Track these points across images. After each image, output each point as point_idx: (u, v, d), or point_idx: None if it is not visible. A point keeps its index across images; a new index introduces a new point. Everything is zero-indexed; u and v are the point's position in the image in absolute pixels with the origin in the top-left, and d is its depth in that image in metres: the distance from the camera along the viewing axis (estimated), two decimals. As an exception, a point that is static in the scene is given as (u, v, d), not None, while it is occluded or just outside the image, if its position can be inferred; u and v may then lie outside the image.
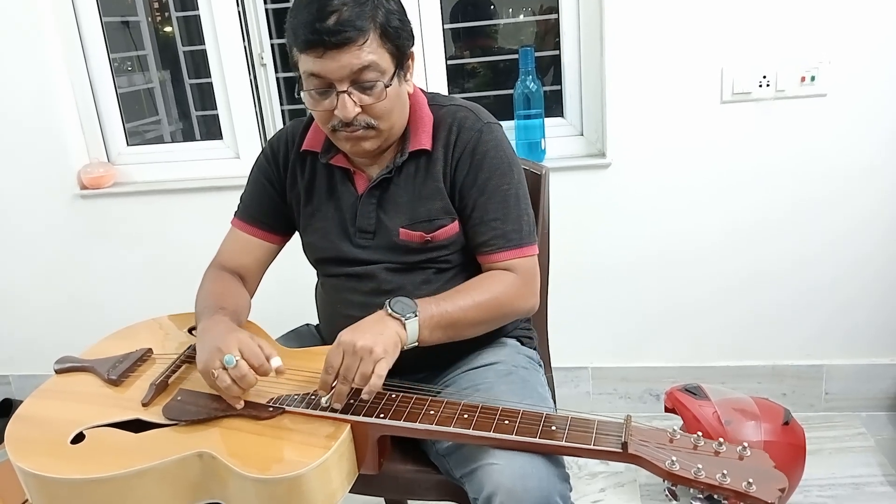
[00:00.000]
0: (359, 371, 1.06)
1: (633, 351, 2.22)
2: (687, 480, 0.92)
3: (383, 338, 1.09)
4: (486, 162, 1.25)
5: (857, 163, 1.95)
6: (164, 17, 2.81)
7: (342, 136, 1.21)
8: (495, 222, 1.24)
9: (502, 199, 1.25)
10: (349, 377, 1.07)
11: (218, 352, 1.09)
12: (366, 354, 1.06)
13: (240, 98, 2.24)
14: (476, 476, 1.04)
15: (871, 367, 2.11)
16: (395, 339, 1.10)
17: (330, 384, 1.08)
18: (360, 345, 1.06)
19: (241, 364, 1.08)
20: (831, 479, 1.88)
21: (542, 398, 1.22)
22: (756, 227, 2.04)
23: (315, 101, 1.19)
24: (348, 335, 1.08)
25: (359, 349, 1.06)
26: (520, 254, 1.25)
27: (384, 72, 1.17)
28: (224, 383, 1.08)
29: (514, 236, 1.25)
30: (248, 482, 0.99)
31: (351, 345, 1.07)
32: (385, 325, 1.11)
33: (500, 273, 1.25)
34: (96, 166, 2.32)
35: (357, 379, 1.06)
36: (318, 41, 1.11)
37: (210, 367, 1.09)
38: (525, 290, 1.26)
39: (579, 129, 2.13)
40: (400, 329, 1.12)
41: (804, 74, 1.89)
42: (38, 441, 1.11)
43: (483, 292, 1.21)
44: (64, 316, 2.46)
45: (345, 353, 1.07)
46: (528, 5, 2.35)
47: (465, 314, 1.19)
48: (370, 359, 1.06)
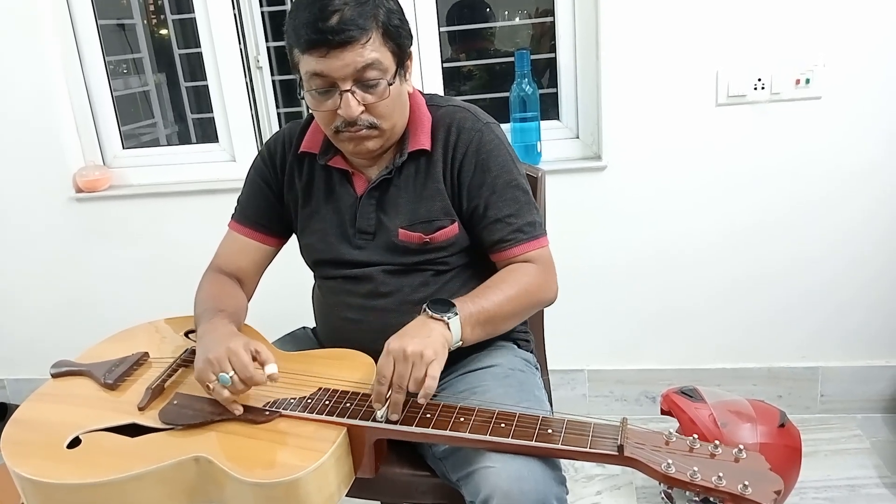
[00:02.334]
0: (412, 377, 1.04)
1: (630, 353, 2.22)
2: (683, 483, 0.92)
3: (431, 340, 1.07)
4: (491, 161, 1.25)
5: (853, 165, 1.95)
6: (159, 20, 2.81)
7: (345, 137, 1.21)
8: (510, 218, 1.25)
9: (513, 196, 1.26)
10: (403, 385, 1.04)
11: (210, 365, 1.10)
12: (417, 359, 1.04)
13: (236, 101, 2.24)
14: (473, 479, 1.04)
15: (866, 369, 2.12)
16: (442, 339, 1.09)
17: (385, 395, 1.06)
18: (411, 350, 1.04)
19: (236, 381, 1.09)
20: (827, 481, 1.89)
21: (538, 401, 1.22)
22: (751, 229, 2.05)
23: (318, 102, 1.19)
24: (396, 342, 1.06)
25: (410, 354, 1.04)
26: (537, 245, 1.27)
27: (386, 70, 1.17)
28: (220, 396, 1.10)
29: (529, 229, 1.26)
30: (245, 486, 0.99)
31: (401, 351, 1.05)
32: (430, 328, 1.10)
33: (522, 265, 1.25)
34: (92, 169, 2.32)
35: (411, 385, 1.05)
36: (321, 40, 1.11)
37: (205, 379, 1.10)
38: (549, 279, 1.27)
39: (575, 132, 2.13)
40: (444, 329, 1.11)
41: (799, 77, 1.90)
42: (34, 445, 1.11)
43: (512, 285, 1.21)
44: (60, 319, 2.45)
45: (395, 361, 1.05)
46: (524, 8, 2.35)
47: (501, 309, 1.19)
48: (422, 363, 1.04)
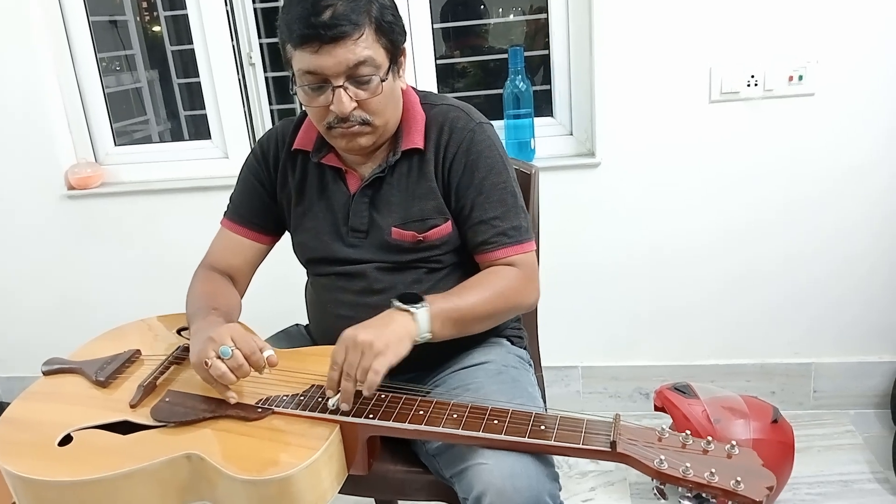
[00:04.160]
0: (360, 366, 1.05)
1: (623, 350, 2.23)
2: (675, 479, 0.92)
3: (387, 331, 1.07)
4: (481, 161, 1.25)
5: (846, 161, 1.96)
6: (152, 17, 2.79)
7: (337, 133, 1.21)
8: (495, 220, 1.25)
9: (500, 198, 1.25)
10: (351, 373, 1.05)
11: (212, 342, 1.09)
12: (367, 348, 1.05)
13: (228, 97, 2.23)
14: (466, 476, 1.04)
15: (859, 364, 2.13)
16: (402, 332, 1.09)
17: (336, 381, 1.07)
18: (361, 339, 1.05)
19: (237, 354, 1.08)
20: (820, 477, 1.89)
21: (531, 397, 1.22)
22: (745, 225, 2.05)
23: (310, 98, 1.18)
24: (351, 331, 1.07)
25: (359, 343, 1.05)
26: (520, 250, 1.26)
27: (379, 66, 1.16)
28: (219, 371, 1.07)
29: (514, 233, 1.25)
30: (238, 483, 0.99)
31: (352, 339, 1.06)
32: (391, 319, 1.10)
33: (503, 268, 1.25)
34: (84, 167, 2.31)
35: (359, 375, 1.05)
36: (313, 35, 1.11)
37: (204, 356, 1.08)
38: (528, 285, 1.26)
39: (569, 129, 2.13)
40: (409, 322, 1.10)
41: (792, 74, 1.90)
42: (25, 443, 1.11)
43: (489, 287, 1.21)
44: (51, 317, 2.45)
45: (347, 349, 1.06)
46: (517, 5, 2.35)
47: (474, 309, 1.19)
48: (371, 353, 1.04)
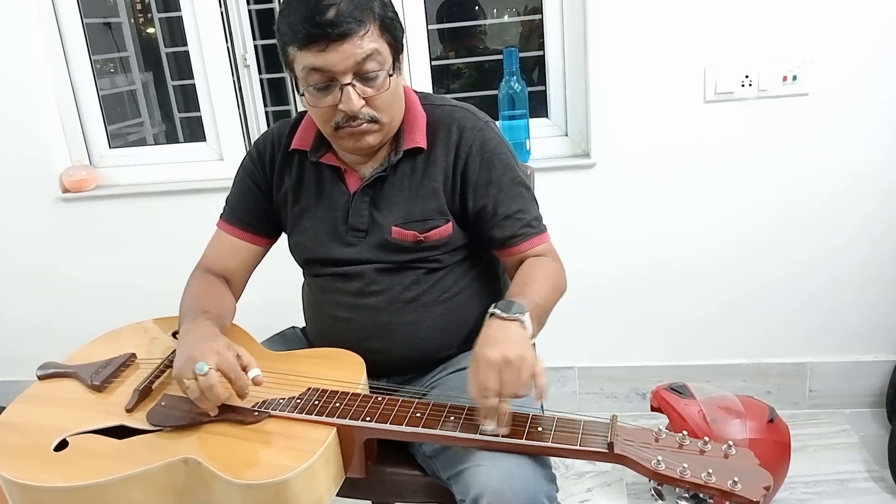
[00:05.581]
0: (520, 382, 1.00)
1: (620, 350, 2.23)
2: (672, 480, 0.92)
3: (519, 341, 1.05)
4: (495, 158, 1.26)
5: (839, 161, 1.96)
6: (146, 19, 2.79)
7: (345, 133, 1.20)
8: (519, 214, 1.26)
9: (518, 192, 1.27)
10: (513, 391, 1.00)
11: (191, 361, 1.07)
12: (520, 362, 1.00)
13: (223, 100, 2.23)
14: (463, 478, 1.04)
15: (854, 364, 2.13)
16: (524, 338, 1.07)
17: (495, 408, 1.00)
18: (511, 356, 1.00)
19: (212, 374, 1.05)
20: (816, 476, 1.90)
21: (528, 399, 1.22)
22: (740, 226, 2.05)
23: (316, 98, 1.17)
24: (493, 351, 1.01)
25: (512, 360, 1.00)
26: (545, 238, 1.29)
27: (385, 61, 1.16)
28: (194, 395, 1.06)
29: (537, 224, 1.28)
30: (234, 488, 0.99)
31: (499, 360, 1.00)
32: (508, 331, 1.06)
33: (541, 259, 1.26)
34: (78, 169, 2.30)
35: (520, 389, 1.00)
36: (320, 34, 1.10)
37: (182, 376, 1.07)
38: (563, 270, 1.29)
39: (564, 130, 2.14)
40: (521, 329, 1.08)
41: (786, 74, 1.91)
42: (20, 448, 1.10)
43: (546, 279, 1.22)
44: (46, 320, 2.43)
45: (501, 371, 1.00)
46: (512, 6, 2.35)
47: (546, 302, 1.19)
48: (527, 365, 1.00)
